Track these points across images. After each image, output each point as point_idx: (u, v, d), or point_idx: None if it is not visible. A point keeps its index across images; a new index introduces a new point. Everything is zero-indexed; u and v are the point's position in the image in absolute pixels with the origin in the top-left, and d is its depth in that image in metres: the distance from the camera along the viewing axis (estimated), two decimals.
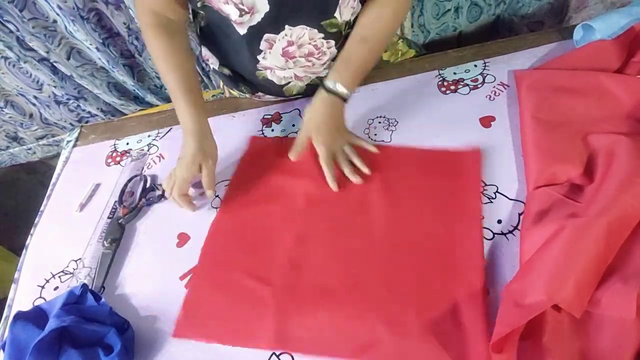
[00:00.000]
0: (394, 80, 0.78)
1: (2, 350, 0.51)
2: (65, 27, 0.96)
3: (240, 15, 0.59)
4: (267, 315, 0.53)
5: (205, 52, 0.77)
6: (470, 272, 0.52)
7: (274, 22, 0.61)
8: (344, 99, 0.66)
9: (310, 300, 0.54)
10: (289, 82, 0.73)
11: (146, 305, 0.57)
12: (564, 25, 1.15)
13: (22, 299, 0.61)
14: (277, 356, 0.50)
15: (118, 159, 0.78)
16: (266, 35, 0.63)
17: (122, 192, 0.70)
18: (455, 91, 0.74)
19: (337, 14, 0.62)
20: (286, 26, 0.62)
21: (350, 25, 0.66)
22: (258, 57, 0.67)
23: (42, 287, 0.62)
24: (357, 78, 0.66)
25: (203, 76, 1.16)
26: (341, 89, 0.64)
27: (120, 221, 0.66)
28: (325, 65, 0.71)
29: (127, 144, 0.80)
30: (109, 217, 0.68)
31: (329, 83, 0.65)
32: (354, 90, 0.67)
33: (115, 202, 0.69)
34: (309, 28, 0.63)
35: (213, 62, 0.77)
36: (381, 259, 0.56)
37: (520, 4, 1.19)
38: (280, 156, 0.69)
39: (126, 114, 1.20)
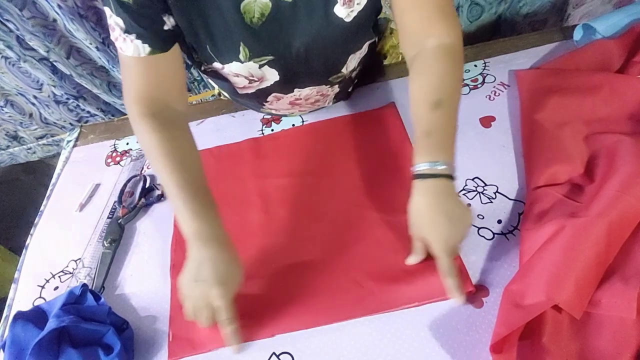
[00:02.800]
0: (394, 80, 0.78)
1: (2, 350, 0.51)
2: (65, 26, 0.96)
3: (250, 83, 0.59)
4: (259, 307, 0.54)
5: (204, 76, 0.79)
6: None
7: (283, 87, 0.62)
8: (448, 176, 0.50)
9: (296, 280, 0.55)
10: (293, 113, 0.75)
11: (146, 305, 0.57)
12: (565, 24, 1.15)
13: (22, 299, 0.61)
14: (277, 356, 0.50)
15: (118, 159, 0.78)
16: (274, 93, 0.64)
17: (122, 192, 0.70)
18: None
19: (344, 70, 0.63)
20: (295, 89, 0.63)
21: (355, 69, 0.66)
22: (264, 103, 0.68)
23: (42, 287, 0.62)
24: (449, 147, 0.51)
25: (203, 76, 1.16)
26: (437, 167, 0.49)
27: (119, 221, 0.66)
28: (329, 101, 0.72)
29: (127, 144, 0.80)
30: (108, 217, 0.68)
31: (419, 168, 0.50)
32: (452, 160, 0.51)
33: (115, 202, 0.69)
34: (317, 86, 0.64)
35: (213, 85, 0.79)
36: (346, 224, 0.60)
37: (522, 2, 1.19)
38: (216, 165, 0.71)
39: (126, 114, 1.20)
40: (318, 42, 0.55)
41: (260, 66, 0.56)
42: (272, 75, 0.58)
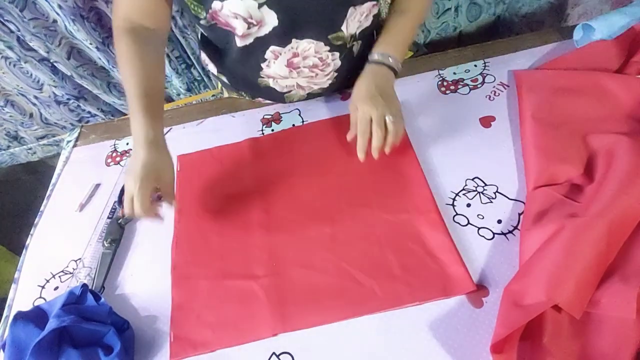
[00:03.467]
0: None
1: (2, 350, 0.51)
2: (66, 27, 0.96)
3: (248, 28, 0.59)
4: (261, 306, 0.54)
5: (204, 57, 0.77)
6: (423, 206, 0.59)
7: (281, 35, 0.61)
8: (393, 69, 0.64)
9: (297, 279, 0.56)
10: (291, 91, 0.74)
11: (146, 305, 0.57)
12: (564, 24, 1.15)
13: (22, 299, 0.61)
14: (277, 356, 0.50)
15: (118, 159, 0.78)
16: (272, 47, 0.63)
17: (122, 192, 0.70)
18: (455, 91, 0.74)
19: (343, 27, 0.62)
20: (293, 40, 0.62)
21: (356, 38, 0.66)
22: (262, 64, 0.67)
23: (42, 287, 0.62)
24: (401, 47, 0.66)
25: (203, 76, 1.16)
26: (388, 59, 0.63)
27: (119, 221, 0.66)
28: (329, 77, 0.71)
29: (127, 144, 0.80)
30: (108, 217, 0.68)
31: (376, 56, 0.64)
32: (401, 60, 0.65)
33: (115, 202, 0.69)
34: (315, 42, 0.63)
35: (212, 68, 0.78)
36: (347, 223, 0.60)
37: (520, 3, 1.19)
38: (216, 165, 0.72)
39: (126, 114, 1.20)
40: None
41: (260, 5, 0.56)
42: (270, 19, 0.58)
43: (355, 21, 0.62)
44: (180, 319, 0.55)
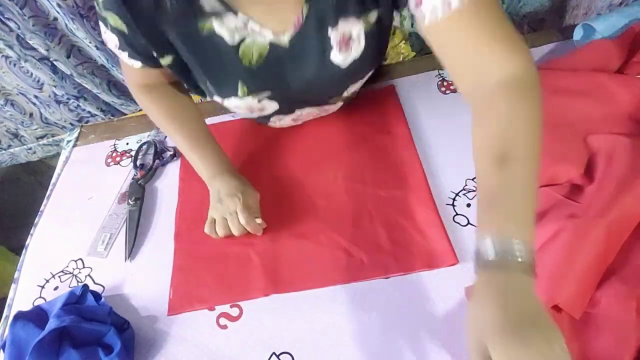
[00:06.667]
0: (394, 80, 0.78)
1: (2, 350, 0.51)
2: (66, 25, 0.96)
3: (251, 113, 0.61)
4: (255, 270, 0.58)
5: None
6: (415, 183, 0.62)
7: (283, 112, 0.64)
8: (524, 266, 0.34)
9: (290, 247, 0.59)
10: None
11: (146, 305, 0.57)
12: (564, 24, 1.15)
13: (22, 299, 0.61)
14: (277, 356, 0.50)
15: (118, 159, 0.78)
16: (276, 115, 0.65)
17: (136, 157, 0.74)
18: (455, 91, 0.74)
19: (345, 94, 0.64)
20: (296, 110, 0.65)
21: (356, 90, 0.67)
22: (268, 123, 0.70)
23: (42, 287, 0.62)
24: (523, 220, 0.37)
25: None
26: (513, 250, 0.34)
27: (139, 182, 0.70)
28: (333, 111, 0.73)
29: (127, 144, 0.80)
30: (133, 179, 0.71)
31: (483, 247, 0.36)
32: (530, 240, 0.36)
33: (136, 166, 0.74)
34: (317, 107, 0.66)
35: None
36: (341, 197, 0.63)
37: (522, 2, 1.19)
38: (220, 137, 0.73)
39: (126, 114, 1.20)
40: (315, 82, 0.57)
41: (259, 101, 0.58)
42: (271, 106, 0.60)
43: (355, 87, 0.64)
44: (180, 278, 0.58)
